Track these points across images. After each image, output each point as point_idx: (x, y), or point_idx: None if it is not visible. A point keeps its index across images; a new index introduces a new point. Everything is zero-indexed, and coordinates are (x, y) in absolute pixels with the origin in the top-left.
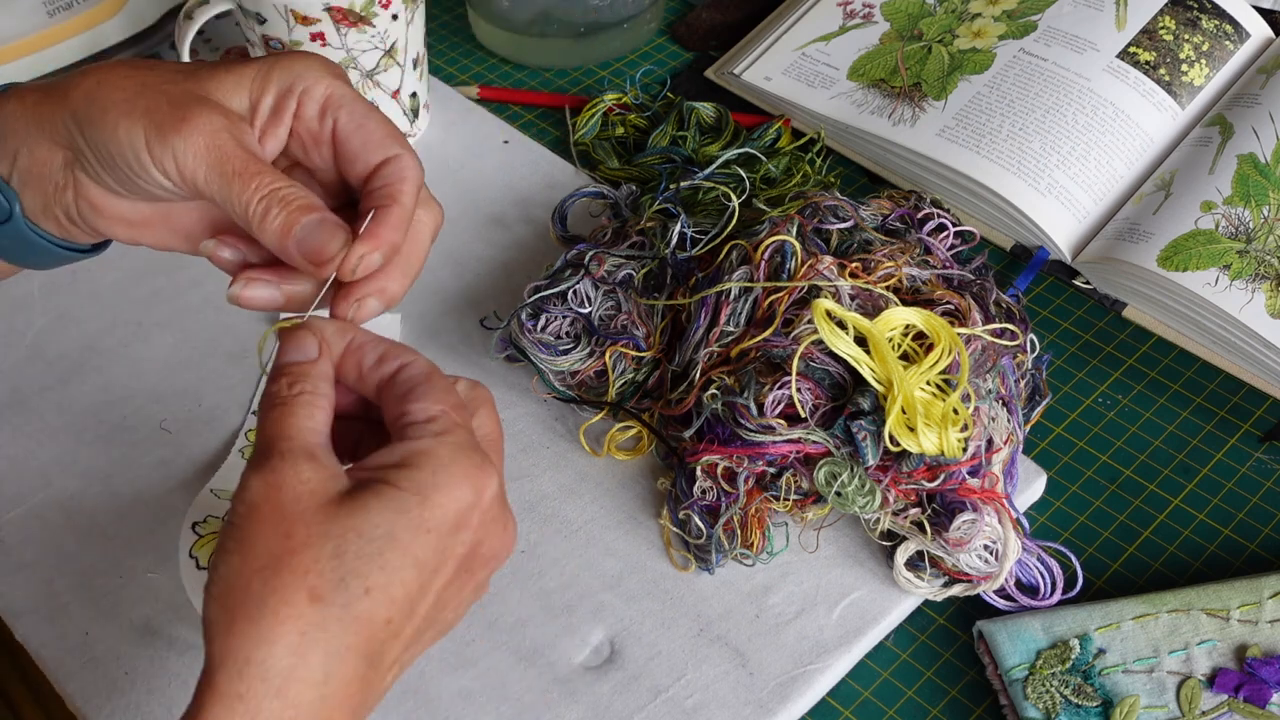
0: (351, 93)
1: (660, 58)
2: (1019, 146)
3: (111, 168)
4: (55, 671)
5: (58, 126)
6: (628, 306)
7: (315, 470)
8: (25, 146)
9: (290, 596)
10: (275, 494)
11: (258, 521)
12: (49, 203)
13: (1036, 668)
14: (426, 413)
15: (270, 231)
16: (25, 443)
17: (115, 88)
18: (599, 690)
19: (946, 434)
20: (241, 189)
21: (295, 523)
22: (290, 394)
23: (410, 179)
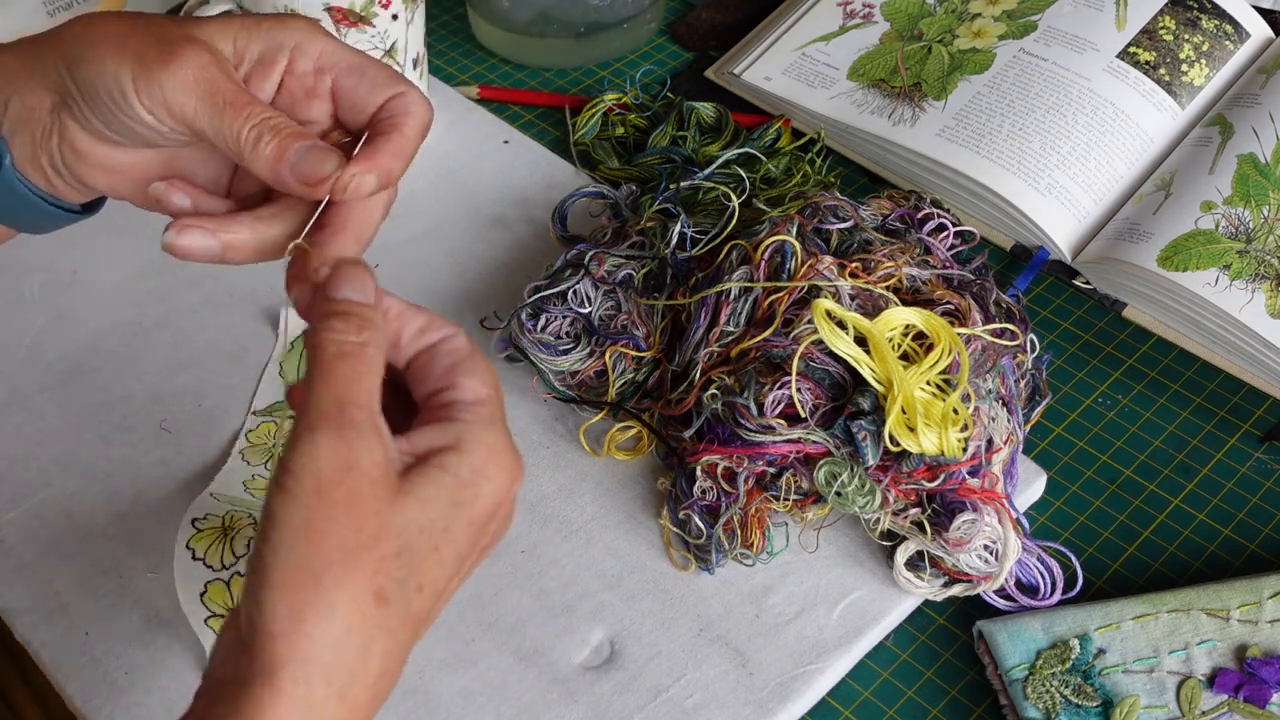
0: (346, 48)
1: (660, 58)
2: (1019, 146)
3: (97, 107)
4: (55, 671)
5: (48, 69)
6: (628, 306)
7: (383, 450)
8: (17, 94)
9: (361, 599)
10: (349, 476)
11: (329, 505)
12: (36, 150)
13: (1036, 668)
14: (475, 393)
15: (263, 158)
16: (25, 443)
17: (106, 28)
18: (599, 690)
19: (946, 434)
20: (233, 118)
21: (368, 514)
22: (359, 341)
23: (414, 113)
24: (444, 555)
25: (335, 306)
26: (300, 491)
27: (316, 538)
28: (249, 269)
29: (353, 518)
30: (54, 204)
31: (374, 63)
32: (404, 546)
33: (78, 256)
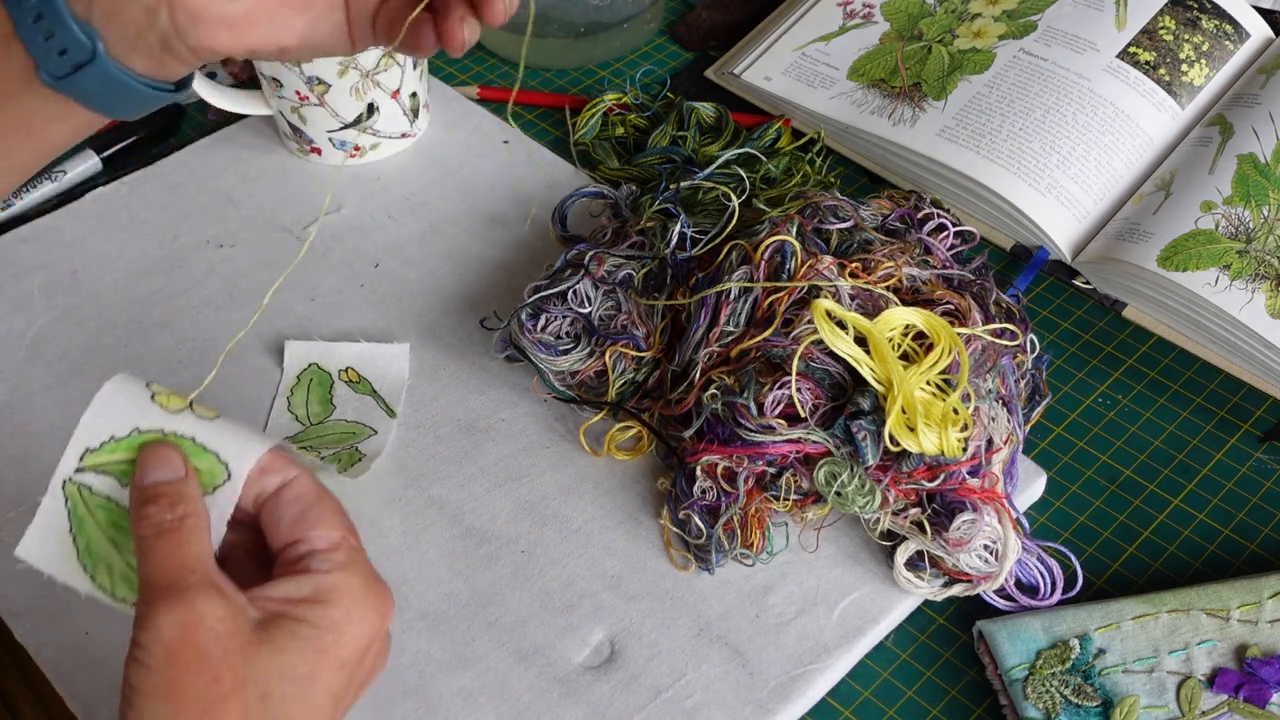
0: None
1: (660, 58)
2: (1019, 146)
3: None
4: (55, 671)
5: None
6: (628, 306)
7: (227, 605)
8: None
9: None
10: (193, 635)
11: (181, 668)
12: (140, 32)
13: (1036, 668)
14: (328, 540)
15: None
16: (25, 443)
17: None
18: (599, 690)
19: (946, 434)
20: None
21: (221, 667)
22: (175, 517)
23: None
24: (313, 699)
25: (145, 494)
26: (150, 660)
27: (176, 697)
28: (249, 270)
29: (206, 672)
30: (151, 85)
31: None
32: (265, 693)
33: (78, 256)
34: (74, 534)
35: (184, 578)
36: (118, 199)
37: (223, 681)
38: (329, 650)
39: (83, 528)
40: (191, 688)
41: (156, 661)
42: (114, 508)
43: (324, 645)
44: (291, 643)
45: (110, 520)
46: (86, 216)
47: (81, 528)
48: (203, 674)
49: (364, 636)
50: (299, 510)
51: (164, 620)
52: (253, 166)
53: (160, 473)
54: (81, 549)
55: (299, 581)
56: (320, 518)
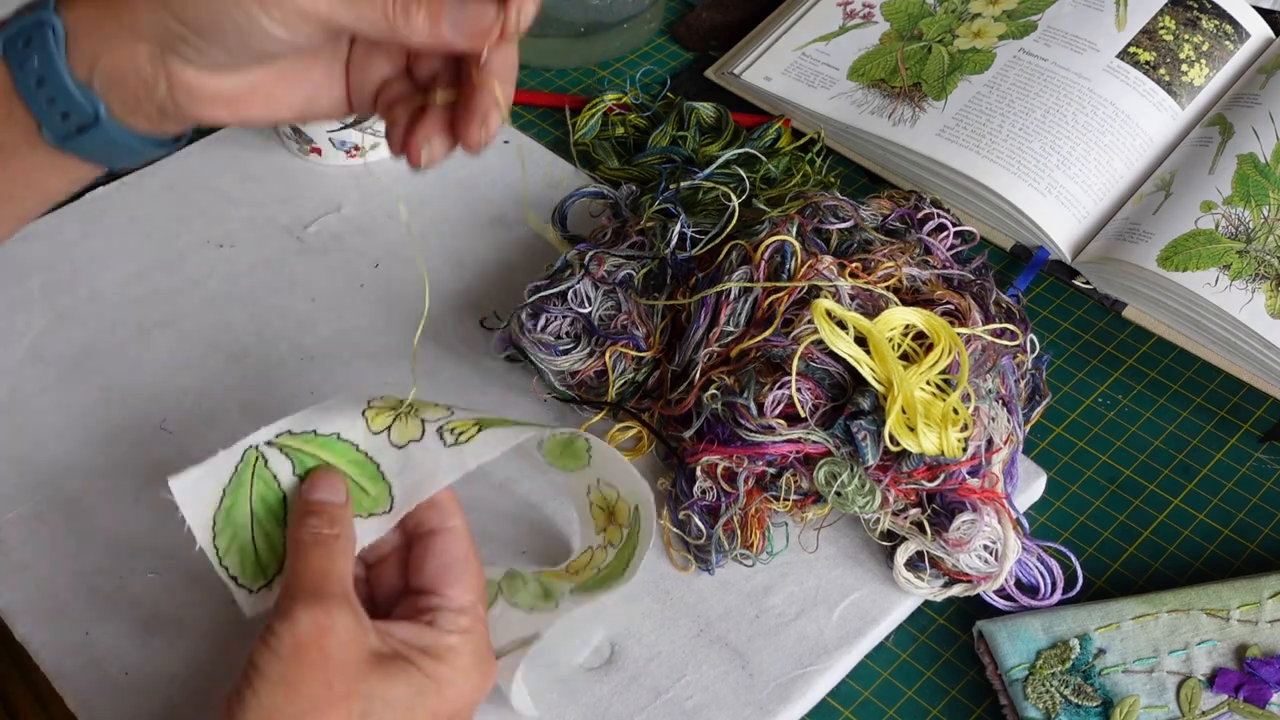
0: None
1: (660, 58)
2: (1019, 146)
3: (220, 37)
4: (55, 671)
5: (139, 18)
6: (628, 306)
7: (357, 622)
8: (104, 49)
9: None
10: (324, 639)
11: (305, 664)
12: (139, 101)
13: (1036, 668)
14: (459, 602)
15: (418, 27)
16: (25, 443)
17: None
18: (599, 691)
19: (946, 434)
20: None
21: (337, 674)
22: (331, 534)
23: None
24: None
25: (310, 506)
26: (280, 648)
27: (292, 689)
28: (249, 270)
29: (325, 674)
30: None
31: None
32: (367, 711)
33: (78, 256)
34: (225, 492)
35: (328, 586)
36: (118, 199)
37: (335, 687)
38: (429, 696)
39: (237, 492)
40: (308, 684)
41: (285, 650)
42: (274, 489)
43: (426, 690)
44: (401, 675)
45: (263, 495)
46: (86, 216)
47: (236, 491)
48: (322, 675)
49: (459, 699)
50: (444, 563)
51: (302, 616)
52: (253, 166)
53: (326, 494)
54: (224, 507)
55: (421, 631)
56: (460, 578)
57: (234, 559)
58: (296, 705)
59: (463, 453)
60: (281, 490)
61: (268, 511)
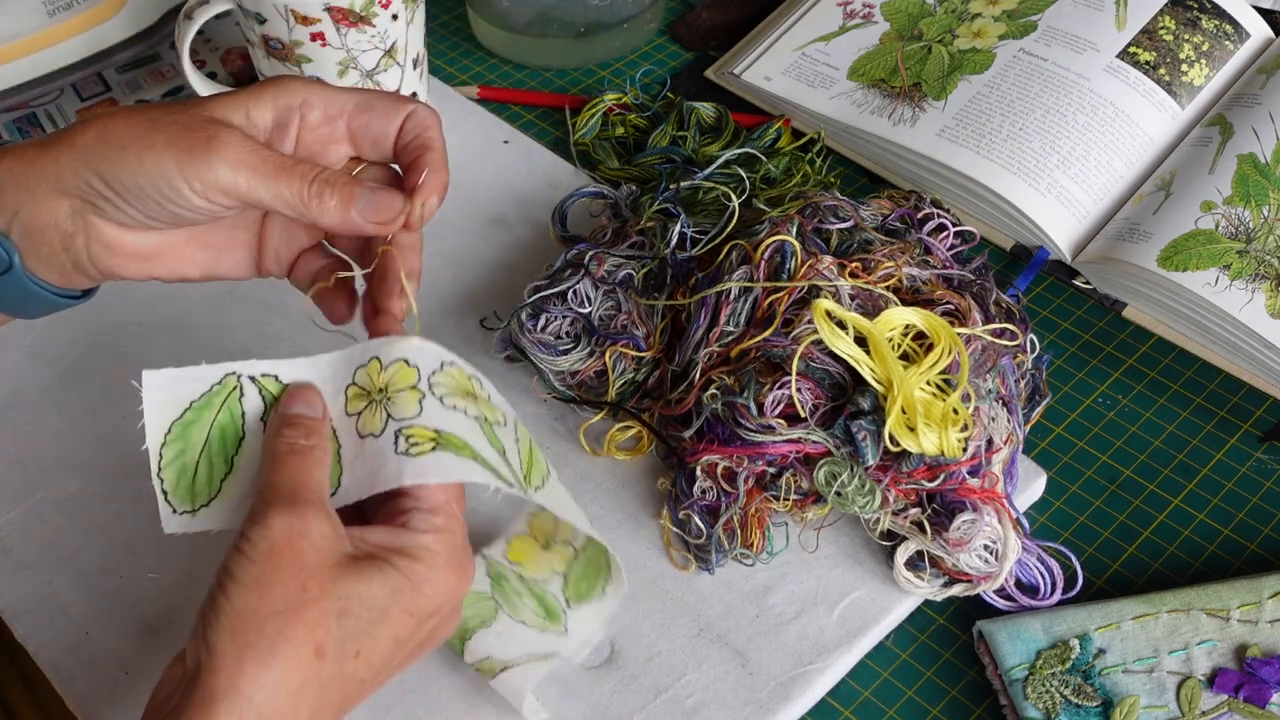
0: (347, 90)
1: (660, 58)
2: (1019, 146)
3: (140, 200)
4: (55, 671)
5: (64, 174)
6: (628, 306)
7: (332, 528)
8: (28, 199)
9: (300, 649)
10: (298, 542)
11: (279, 567)
12: (54, 252)
13: (1036, 668)
14: (431, 501)
15: (329, 210)
16: (25, 443)
17: (124, 127)
18: (599, 690)
19: (946, 434)
20: (289, 181)
21: (311, 576)
22: (306, 444)
23: (432, 123)
24: (380, 633)
25: (287, 419)
26: (253, 553)
27: (264, 592)
28: None
29: (298, 577)
30: (58, 294)
31: (375, 94)
32: (344, 610)
33: None
34: (191, 405)
35: (302, 493)
36: None
37: (309, 590)
38: (405, 595)
39: (202, 411)
40: (282, 586)
41: (259, 555)
42: (236, 424)
43: (402, 589)
44: (377, 576)
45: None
46: None
47: (202, 410)
48: (295, 577)
49: (438, 597)
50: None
51: (276, 521)
52: None
53: (303, 408)
54: (184, 420)
55: (396, 533)
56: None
57: (171, 474)
58: (270, 606)
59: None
60: (243, 430)
61: (221, 443)
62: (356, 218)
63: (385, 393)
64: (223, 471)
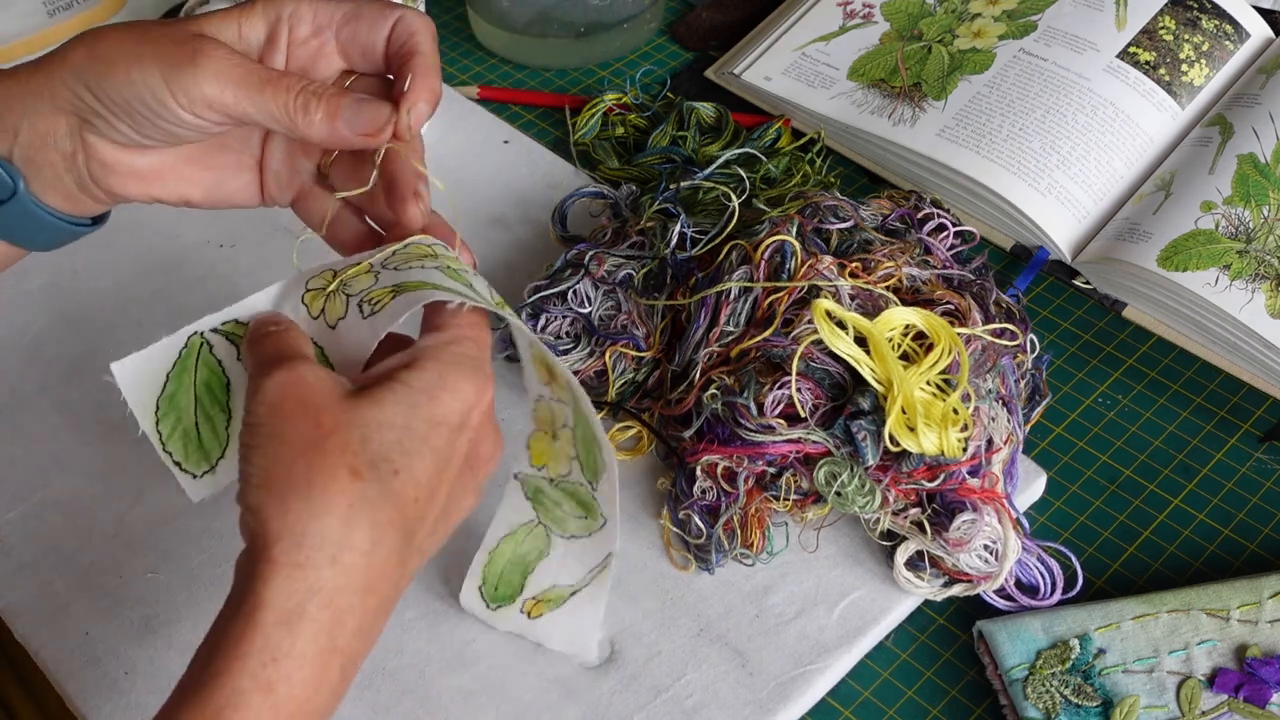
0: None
1: (660, 58)
2: (1019, 146)
3: (129, 115)
4: (55, 671)
5: (59, 91)
6: (628, 306)
7: (327, 372)
8: (25, 120)
9: (336, 473)
10: (295, 389)
11: (285, 415)
12: (58, 173)
13: (1036, 668)
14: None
15: (316, 123)
16: (25, 443)
17: (115, 42)
18: (599, 690)
19: (946, 434)
20: (274, 94)
21: (322, 411)
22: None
23: (420, 28)
24: (410, 447)
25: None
26: (259, 415)
27: (281, 440)
28: (250, 270)
29: (309, 415)
30: (68, 221)
31: (363, 3)
32: (365, 436)
33: (78, 257)
34: (168, 377)
35: (286, 354)
36: None
37: (324, 424)
38: (422, 407)
39: (180, 376)
40: (296, 429)
41: (264, 415)
42: (218, 373)
43: (417, 402)
44: (388, 396)
45: (206, 381)
46: None
47: (180, 376)
48: (305, 418)
49: (459, 401)
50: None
51: (268, 381)
52: None
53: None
54: (166, 393)
55: (398, 356)
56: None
57: (178, 444)
58: (291, 451)
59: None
60: (226, 376)
61: (210, 396)
62: (343, 129)
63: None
64: (223, 420)
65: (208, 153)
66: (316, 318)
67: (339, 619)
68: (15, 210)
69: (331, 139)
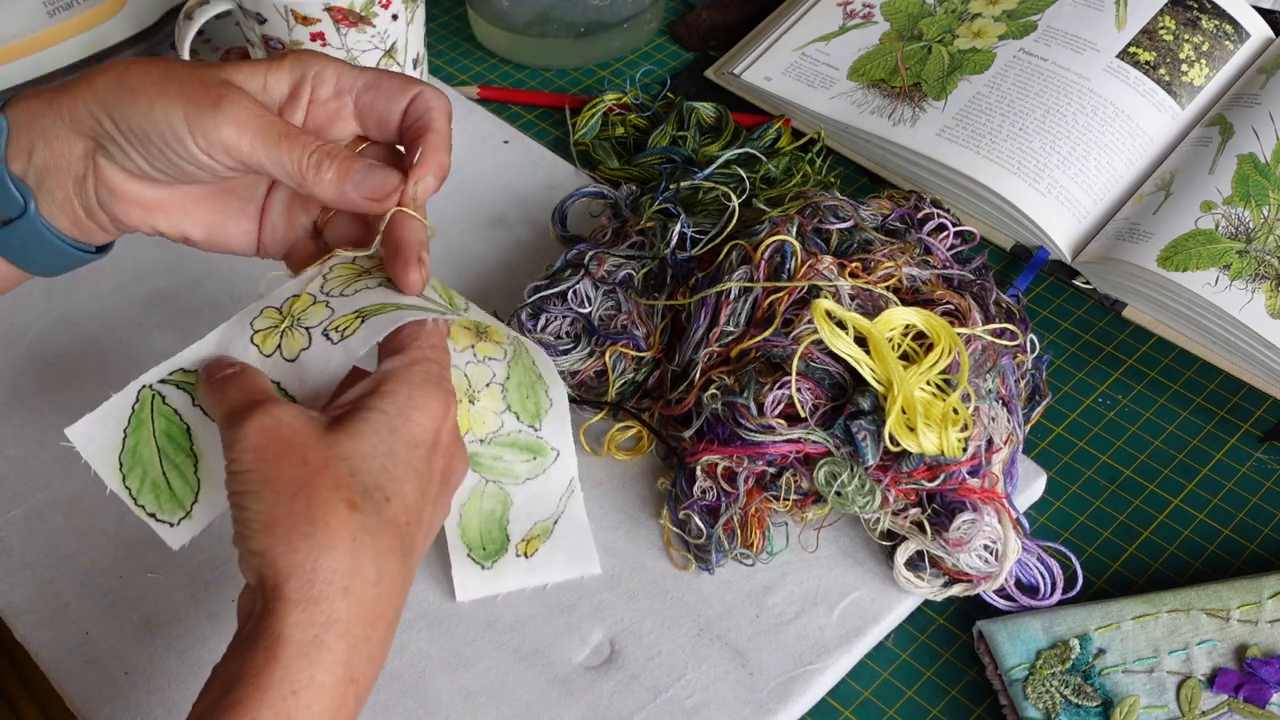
0: (358, 68)
1: (660, 58)
2: (1019, 146)
3: (145, 146)
4: (55, 671)
5: (80, 114)
6: (628, 306)
7: (301, 411)
8: (42, 139)
9: (334, 509)
10: (276, 430)
11: (271, 458)
12: (67, 195)
13: (1036, 668)
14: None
15: (326, 182)
16: (25, 443)
17: (141, 74)
18: (599, 690)
19: (946, 434)
20: (290, 149)
21: (306, 450)
22: (235, 370)
23: (437, 106)
24: (397, 473)
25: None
26: (244, 463)
27: (275, 484)
28: (249, 270)
29: (294, 455)
30: (74, 246)
31: (385, 74)
32: (353, 468)
33: None
34: (127, 432)
35: (254, 397)
36: None
37: (311, 461)
38: (399, 431)
39: (138, 430)
40: (285, 471)
41: (250, 461)
42: (175, 421)
43: (393, 427)
44: (365, 427)
45: (166, 430)
46: None
47: (137, 429)
48: (292, 458)
49: (431, 420)
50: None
51: (247, 429)
52: None
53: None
54: (128, 448)
55: (361, 385)
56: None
57: (149, 497)
58: (287, 490)
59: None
60: (184, 421)
61: (173, 444)
62: (351, 192)
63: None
64: (190, 465)
65: (214, 195)
66: (270, 354)
67: (355, 648)
68: (24, 230)
69: (339, 200)
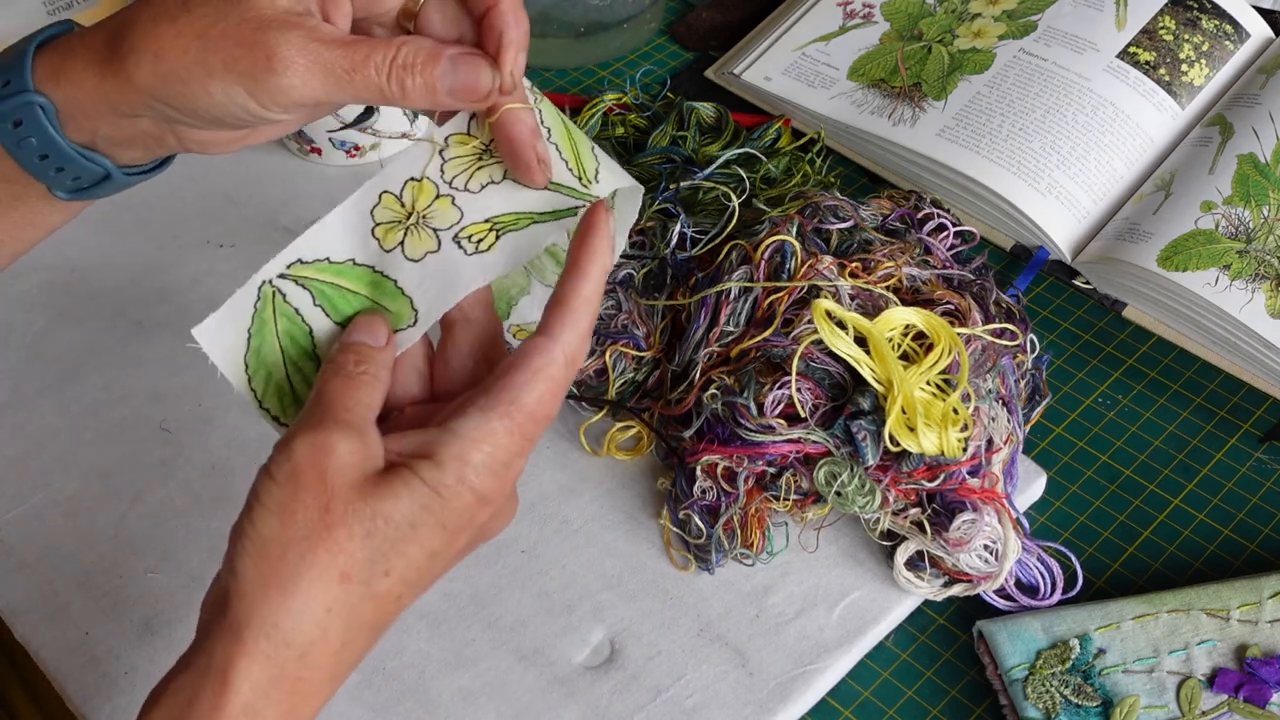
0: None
1: (660, 58)
2: (1019, 146)
3: (219, 123)
4: (55, 671)
5: (135, 107)
6: (628, 306)
7: (360, 445)
8: (103, 122)
9: (323, 574)
10: (322, 461)
11: (301, 488)
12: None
13: (1036, 668)
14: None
15: (416, 96)
16: (25, 443)
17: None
18: (599, 690)
19: (946, 434)
20: (365, 80)
21: (334, 497)
22: (355, 371)
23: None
24: (409, 551)
25: (344, 345)
26: (278, 474)
27: (287, 517)
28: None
29: (320, 498)
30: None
31: None
32: (370, 531)
33: (78, 257)
34: (251, 332)
35: (334, 414)
36: (118, 199)
37: (332, 511)
38: (434, 511)
39: (262, 330)
40: (304, 510)
41: (282, 477)
42: (299, 322)
43: (430, 504)
44: (403, 490)
45: (288, 331)
46: (86, 216)
47: (261, 330)
48: (317, 499)
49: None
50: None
51: (300, 443)
52: (252, 166)
53: (364, 336)
54: (252, 349)
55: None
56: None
57: (273, 400)
58: (292, 533)
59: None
60: (306, 324)
61: (296, 347)
62: (445, 98)
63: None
64: (313, 367)
65: None
66: (390, 250)
67: (305, 701)
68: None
69: (435, 106)
